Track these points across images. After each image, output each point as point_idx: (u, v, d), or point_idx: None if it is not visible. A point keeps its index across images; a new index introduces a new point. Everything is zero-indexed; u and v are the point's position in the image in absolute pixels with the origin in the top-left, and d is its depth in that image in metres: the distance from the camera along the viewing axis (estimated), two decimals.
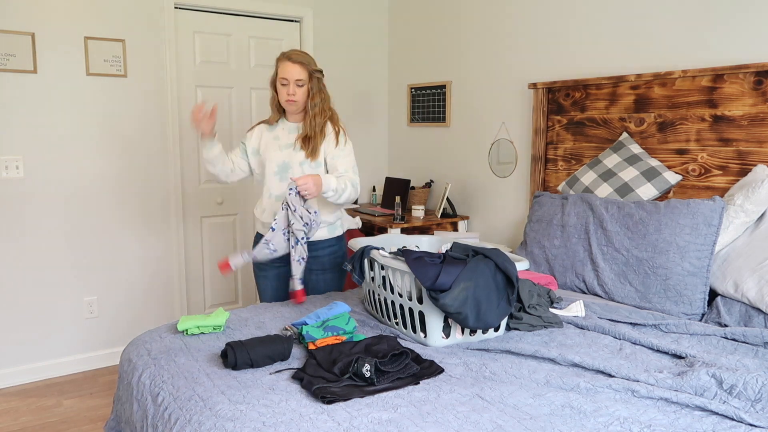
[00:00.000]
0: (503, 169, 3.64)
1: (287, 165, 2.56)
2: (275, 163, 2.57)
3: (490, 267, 1.91)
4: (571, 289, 2.68)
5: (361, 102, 4.47)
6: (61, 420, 2.96)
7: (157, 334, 2.06)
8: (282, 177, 2.57)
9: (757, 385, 1.53)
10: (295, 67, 2.47)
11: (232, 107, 3.93)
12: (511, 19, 3.53)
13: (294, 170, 2.54)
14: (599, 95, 3.01)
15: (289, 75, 2.47)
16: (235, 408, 1.50)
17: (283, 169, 2.56)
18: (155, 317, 3.75)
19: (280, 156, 2.57)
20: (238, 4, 3.83)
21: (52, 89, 3.30)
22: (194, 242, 3.88)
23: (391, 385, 1.61)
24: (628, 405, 1.51)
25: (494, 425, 1.41)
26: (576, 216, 2.74)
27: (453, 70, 3.96)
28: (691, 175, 2.67)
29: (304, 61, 2.49)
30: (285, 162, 2.56)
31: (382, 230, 3.68)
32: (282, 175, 2.57)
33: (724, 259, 2.35)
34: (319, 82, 2.53)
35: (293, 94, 2.49)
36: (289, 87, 2.48)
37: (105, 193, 3.51)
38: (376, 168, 4.59)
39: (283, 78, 2.48)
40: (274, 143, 2.59)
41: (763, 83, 2.42)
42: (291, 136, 2.59)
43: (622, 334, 2.01)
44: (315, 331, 1.90)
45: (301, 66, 2.47)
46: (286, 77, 2.47)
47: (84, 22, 3.34)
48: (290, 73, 2.47)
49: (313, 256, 2.53)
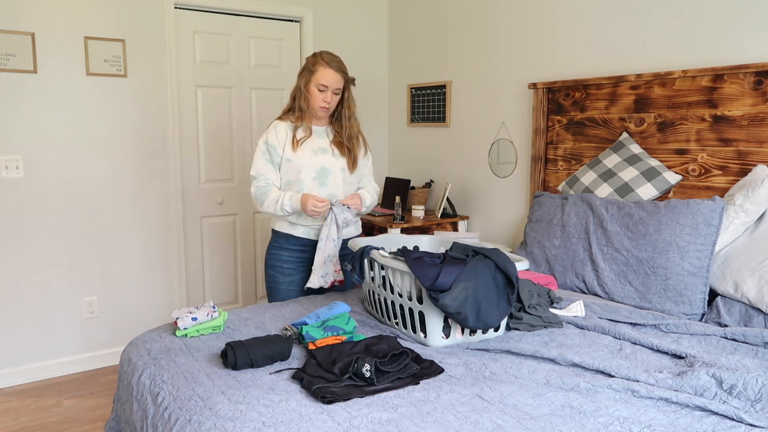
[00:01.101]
0: (503, 169, 3.64)
1: (327, 170, 2.53)
2: (313, 169, 2.52)
3: (490, 267, 1.91)
4: (571, 289, 2.68)
5: (361, 102, 4.44)
6: (61, 420, 2.96)
7: (157, 334, 2.06)
8: (321, 182, 2.53)
9: (757, 385, 1.53)
10: (337, 76, 2.46)
11: (232, 107, 3.93)
12: (511, 19, 3.52)
13: (335, 176, 2.54)
14: (599, 95, 3.01)
15: (330, 83, 2.45)
16: (235, 408, 1.50)
17: (323, 174, 2.53)
18: (155, 317, 3.75)
19: (317, 161, 2.52)
20: (238, 4, 3.83)
21: (52, 89, 3.30)
22: (194, 242, 3.88)
23: (391, 385, 1.61)
24: (628, 405, 1.51)
25: (494, 425, 1.41)
26: (576, 216, 2.74)
27: (453, 70, 3.96)
28: (691, 175, 2.67)
29: (345, 70, 2.49)
30: (324, 167, 2.53)
31: (382, 230, 3.68)
32: (321, 180, 2.53)
33: (724, 259, 2.35)
34: (351, 91, 2.55)
35: (329, 101, 2.47)
36: (327, 94, 2.46)
37: (105, 192, 3.51)
38: (377, 168, 4.58)
39: (323, 85, 2.45)
40: (306, 146, 2.52)
41: (763, 83, 2.42)
42: (322, 140, 2.56)
43: (622, 334, 2.01)
44: (315, 331, 1.90)
45: (342, 75, 2.47)
46: (326, 84, 2.44)
47: (84, 22, 3.34)
48: (331, 81, 2.45)
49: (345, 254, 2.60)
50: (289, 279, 2.61)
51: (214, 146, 3.88)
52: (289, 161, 2.52)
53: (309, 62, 2.50)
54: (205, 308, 2.08)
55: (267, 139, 2.54)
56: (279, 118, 2.60)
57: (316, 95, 2.46)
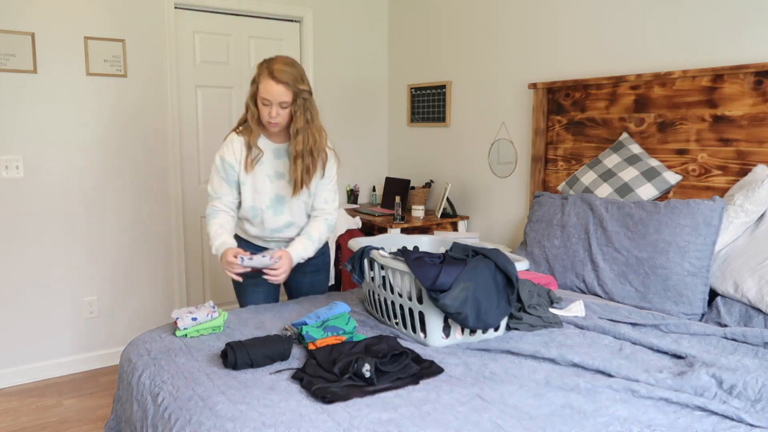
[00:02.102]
0: (503, 169, 3.64)
1: (282, 199, 2.31)
2: (268, 197, 2.30)
3: (490, 267, 1.91)
4: (571, 289, 2.68)
5: (361, 102, 4.47)
6: (61, 420, 2.96)
7: (157, 334, 2.06)
8: (276, 211, 2.32)
9: (757, 385, 1.53)
10: (279, 88, 2.12)
11: (232, 107, 3.93)
12: (511, 18, 3.53)
13: (292, 203, 2.31)
14: (599, 95, 3.01)
15: (272, 96, 2.13)
16: (235, 408, 1.50)
17: (278, 203, 2.32)
18: (155, 317, 3.75)
19: (272, 188, 2.29)
20: (238, 4, 3.83)
21: (52, 89, 3.30)
22: (194, 242, 3.88)
23: (391, 385, 1.61)
24: (628, 405, 1.51)
25: (494, 425, 1.41)
26: (576, 216, 2.74)
27: (453, 70, 3.96)
28: (691, 175, 2.67)
29: (289, 81, 2.13)
30: (279, 195, 2.30)
31: (382, 230, 3.68)
32: (276, 209, 2.32)
33: (724, 259, 2.35)
34: (306, 102, 2.18)
35: (275, 116, 2.17)
36: (271, 109, 2.16)
37: (105, 192, 3.51)
38: (376, 168, 4.59)
39: (265, 99, 2.15)
40: (261, 170, 2.28)
41: (763, 83, 2.42)
42: (280, 162, 2.29)
43: (622, 334, 2.01)
44: (315, 331, 1.90)
45: (285, 87, 2.12)
46: (267, 98, 2.14)
47: (84, 22, 3.34)
48: (273, 94, 2.13)
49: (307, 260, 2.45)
50: (254, 280, 2.41)
51: (214, 146, 3.87)
52: (244, 184, 2.28)
53: (256, 71, 2.22)
54: (205, 308, 2.08)
55: (224, 155, 2.27)
56: (235, 131, 2.30)
57: (262, 109, 2.18)
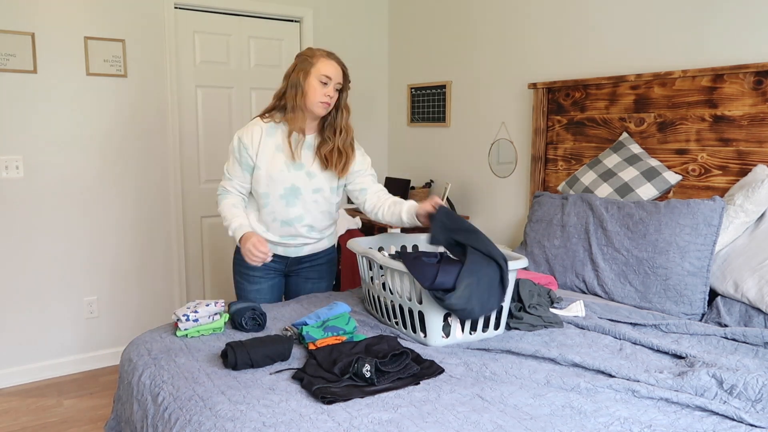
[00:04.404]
0: (503, 169, 3.64)
1: (297, 190, 2.25)
2: (283, 186, 2.23)
3: (485, 259, 1.90)
4: (571, 289, 2.67)
5: (361, 102, 4.46)
6: (61, 420, 2.96)
7: (157, 334, 2.06)
8: (289, 202, 2.25)
9: (758, 385, 1.53)
10: (339, 69, 2.18)
11: (232, 107, 3.93)
12: (511, 18, 3.52)
13: (305, 197, 2.26)
14: (599, 95, 3.01)
15: (333, 75, 2.16)
16: (235, 408, 1.50)
17: (292, 194, 2.25)
18: (155, 317, 3.75)
19: (288, 177, 2.23)
20: (238, 4, 3.83)
21: (52, 89, 3.30)
22: (194, 242, 3.88)
23: (392, 386, 1.61)
24: (629, 405, 1.51)
25: (494, 425, 1.41)
26: (576, 216, 2.74)
27: (453, 70, 3.96)
28: (691, 175, 2.67)
29: (347, 67, 2.23)
30: (294, 186, 2.24)
31: (382, 230, 3.68)
32: (289, 200, 2.25)
33: (724, 259, 2.35)
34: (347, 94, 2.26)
35: (332, 96, 2.16)
36: (329, 87, 2.15)
37: (105, 193, 3.51)
38: (376, 168, 4.56)
39: (326, 76, 2.14)
40: (280, 159, 2.23)
41: (763, 83, 2.42)
42: (304, 153, 2.24)
43: (623, 334, 2.01)
44: (315, 331, 1.90)
45: (343, 69, 2.20)
46: (329, 75, 2.15)
47: (84, 22, 3.34)
48: (334, 72, 2.16)
49: (313, 266, 2.49)
50: (257, 287, 2.40)
51: (214, 146, 3.87)
52: (259, 169, 2.23)
53: (305, 55, 2.21)
54: (211, 305, 2.04)
55: (241, 136, 2.24)
56: (261, 117, 2.28)
57: (317, 89, 2.15)
